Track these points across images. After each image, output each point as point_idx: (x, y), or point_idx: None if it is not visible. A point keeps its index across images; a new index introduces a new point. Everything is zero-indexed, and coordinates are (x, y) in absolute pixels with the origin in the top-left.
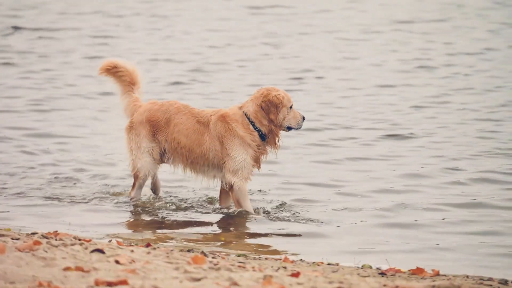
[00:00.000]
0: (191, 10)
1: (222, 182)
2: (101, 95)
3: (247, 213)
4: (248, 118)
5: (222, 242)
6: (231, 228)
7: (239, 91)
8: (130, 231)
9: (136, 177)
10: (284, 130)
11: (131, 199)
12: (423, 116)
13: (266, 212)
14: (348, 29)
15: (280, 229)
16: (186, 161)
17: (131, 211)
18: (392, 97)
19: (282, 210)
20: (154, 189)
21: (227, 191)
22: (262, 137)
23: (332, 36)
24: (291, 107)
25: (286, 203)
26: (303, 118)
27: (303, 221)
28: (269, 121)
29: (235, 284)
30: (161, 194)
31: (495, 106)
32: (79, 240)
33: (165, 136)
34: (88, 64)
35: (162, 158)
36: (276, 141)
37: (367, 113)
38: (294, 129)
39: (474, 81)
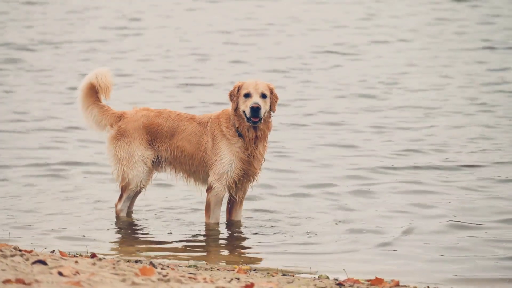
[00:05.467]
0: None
1: (230, 193)
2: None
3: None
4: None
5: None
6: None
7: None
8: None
9: (124, 188)
10: (248, 122)
11: (117, 211)
12: None
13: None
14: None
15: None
16: (189, 170)
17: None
18: None
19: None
20: (129, 204)
21: (238, 203)
22: (239, 133)
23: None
24: (246, 96)
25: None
26: (251, 108)
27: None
28: (234, 113)
29: None
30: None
31: None
32: (20, 251)
33: (166, 145)
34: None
35: (155, 166)
36: (252, 134)
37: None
38: (249, 120)
39: None
